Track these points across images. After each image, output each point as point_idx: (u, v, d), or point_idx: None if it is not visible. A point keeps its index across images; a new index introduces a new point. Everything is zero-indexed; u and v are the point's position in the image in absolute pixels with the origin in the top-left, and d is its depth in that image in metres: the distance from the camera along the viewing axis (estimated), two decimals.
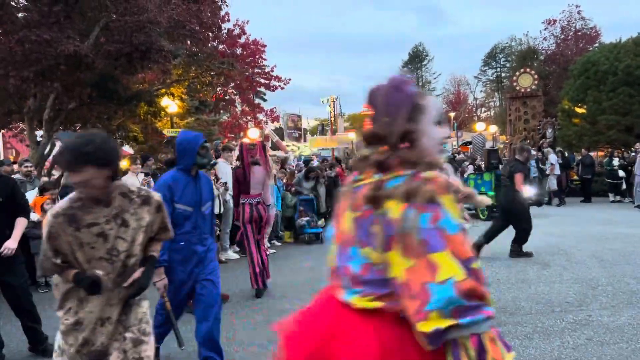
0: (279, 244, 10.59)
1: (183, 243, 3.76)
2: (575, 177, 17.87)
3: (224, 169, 8.81)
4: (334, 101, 44.89)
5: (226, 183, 8.49)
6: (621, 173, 15.96)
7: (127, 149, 20.71)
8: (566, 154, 18.53)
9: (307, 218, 10.90)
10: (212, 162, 4.05)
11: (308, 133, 51.60)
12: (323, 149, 37.10)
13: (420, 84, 72.18)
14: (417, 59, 72.21)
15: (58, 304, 2.56)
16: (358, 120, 68.61)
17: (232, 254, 9.14)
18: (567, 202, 16.01)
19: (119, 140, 17.43)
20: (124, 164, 9.41)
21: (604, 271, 6.71)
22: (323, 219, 11.39)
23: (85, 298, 2.48)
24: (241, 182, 6.33)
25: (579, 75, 22.76)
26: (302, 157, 20.83)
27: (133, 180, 8.20)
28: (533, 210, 8.72)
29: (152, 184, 7.67)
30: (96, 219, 2.43)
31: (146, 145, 19.50)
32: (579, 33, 34.39)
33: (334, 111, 45.29)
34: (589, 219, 11.98)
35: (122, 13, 12.22)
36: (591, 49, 30.79)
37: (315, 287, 1.76)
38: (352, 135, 33.75)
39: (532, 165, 14.80)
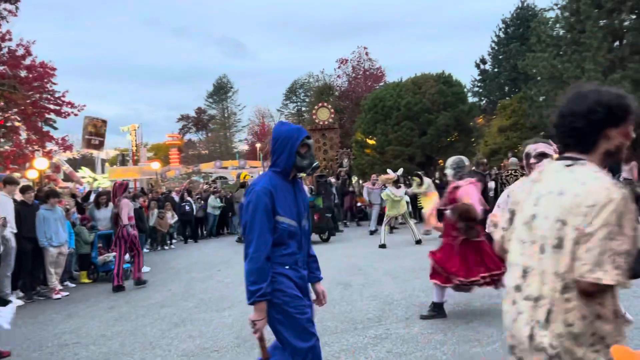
0: (73, 285, 9.58)
1: (288, 267, 2.93)
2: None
3: (4, 203, 7.72)
4: (135, 130, 42.91)
5: (5, 218, 7.43)
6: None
7: None
8: (360, 181, 20.24)
9: (114, 253, 10.05)
10: (314, 165, 3.12)
11: (107, 163, 48.24)
12: (124, 180, 35.02)
13: (225, 115, 72.84)
14: (221, 90, 72.85)
15: None
16: (163, 150, 66.39)
17: (16, 300, 7.96)
18: (361, 224, 17.34)
19: None
20: None
21: (397, 287, 7.32)
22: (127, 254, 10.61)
23: None
24: None
25: (369, 110, 25.08)
26: (99, 189, 19.31)
27: None
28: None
29: None
30: None
31: None
32: (367, 72, 38.01)
33: (135, 140, 43.23)
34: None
35: None
36: (378, 87, 34.25)
37: (125, 335, 1.54)
38: (156, 165, 32.49)
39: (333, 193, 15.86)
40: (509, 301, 1.92)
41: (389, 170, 14.20)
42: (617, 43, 19.96)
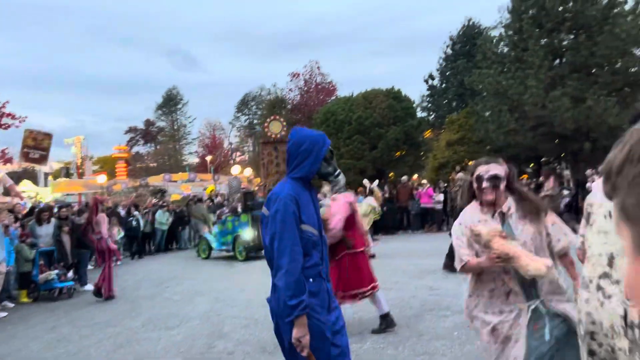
0: (12, 305, 9.10)
1: (312, 280, 2.70)
2: None
3: None
4: (80, 142, 41.58)
5: None
6: None
7: None
8: None
9: (57, 271, 9.63)
10: (337, 172, 2.97)
11: (50, 177, 46.46)
12: (68, 194, 33.77)
13: (175, 127, 71.66)
14: (171, 102, 71.63)
15: None
16: (109, 163, 64.53)
17: None
18: None
19: None
20: None
21: None
22: (71, 272, 10.20)
23: None
24: None
25: (321, 123, 25.23)
26: (41, 203, 18.52)
27: None
28: None
29: None
30: None
31: None
32: (319, 86, 38.34)
33: (80, 153, 41.88)
34: None
35: None
36: (329, 100, 34.55)
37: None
38: (102, 179, 31.52)
39: None
40: (592, 290, 2.02)
41: (365, 181, 14.28)
42: (557, 61, 20.90)
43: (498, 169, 2.92)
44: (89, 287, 10.41)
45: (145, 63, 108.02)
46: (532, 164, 24.74)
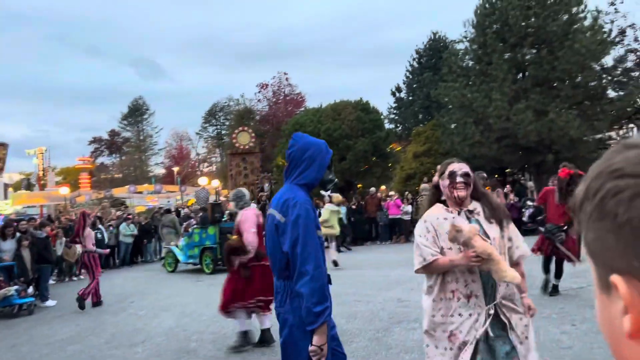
0: None
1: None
2: None
3: None
4: (42, 153, 40.56)
5: None
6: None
7: None
8: None
9: (17, 287, 9.31)
10: (335, 181, 3.00)
11: (10, 189, 45.13)
12: (29, 206, 32.83)
13: (141, 137, 70.62)
14: (137, 112, 70.57)
15: None
16: (72, 174, 63.03)
17: None
18: None
19: None
20: None
21: None
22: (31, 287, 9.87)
23: None
24: None
25: (290, 134, 25.21)
26: (3, 217, 17.94)
27: None
28: None
29: None
30: None
31: None
32: (288, 97, 38.39)
33: (42, 164, 40.83)
34: None
35: None
36: (298, 112, 34.60)
37: None
38: (65, 190, 30.75)
39: None
40: None
41: (322, 192, 14.29)
42: (520, 75, 21.44)
43: (468, 168, 2.96)
44: (50, 302, 10.11)
45: (111, 72, 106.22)
46: (496, 175, 25.24)
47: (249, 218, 5.83)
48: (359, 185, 25.79)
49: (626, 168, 0.54)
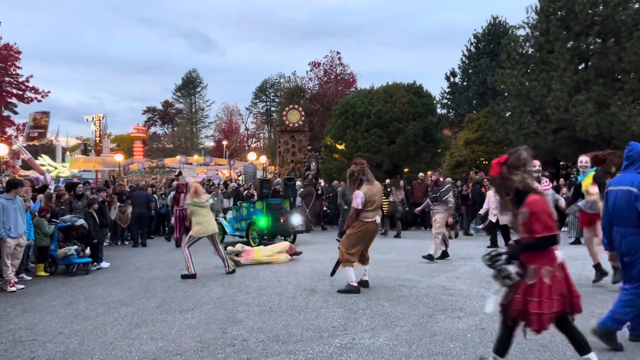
0: (29, 278, 9.27)
1: None
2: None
3: None
4: (100, 120, 41.92)
5: None
6: None
7: None
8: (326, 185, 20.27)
9: (76, 247, 9.80)
10: None
11: (67, 152, 47.01)
12: (85, 170, 34.12)
13: (193, 110, 71.92)
14: (190, 84, 71.84)
15: None
16: (126, 142, 64.98)
17: None
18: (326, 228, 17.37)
19: None
20: None
21: (362, 295, 7.32)
22: (88, 248, 10.36)
23: None
24: None
25: (340, 115, 25.16)
26: (62, 180, 18.72)
27: None
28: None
29: None
30: None
31: None
32: (339, 77, 38.15)
33: (99, 130, 42.24)
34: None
35: None
36: (349, 92, 34.37)
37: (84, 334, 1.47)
38: (120, 157, 31.78)
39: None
40: None
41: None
42: (583, 65, 20.61)
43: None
44: (105, 264, 10.58)
45: (163, 44, 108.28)
46: (548, 167, 24.52)
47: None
48: (405, 170, 25.57)
49: None
